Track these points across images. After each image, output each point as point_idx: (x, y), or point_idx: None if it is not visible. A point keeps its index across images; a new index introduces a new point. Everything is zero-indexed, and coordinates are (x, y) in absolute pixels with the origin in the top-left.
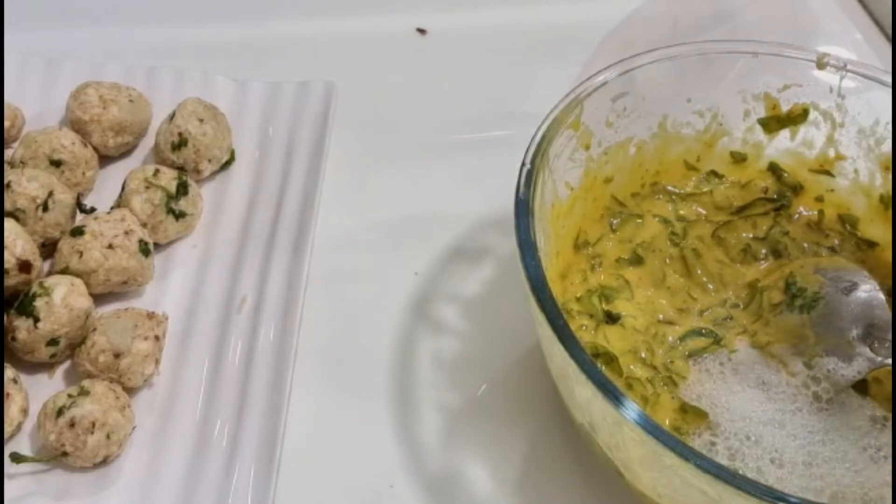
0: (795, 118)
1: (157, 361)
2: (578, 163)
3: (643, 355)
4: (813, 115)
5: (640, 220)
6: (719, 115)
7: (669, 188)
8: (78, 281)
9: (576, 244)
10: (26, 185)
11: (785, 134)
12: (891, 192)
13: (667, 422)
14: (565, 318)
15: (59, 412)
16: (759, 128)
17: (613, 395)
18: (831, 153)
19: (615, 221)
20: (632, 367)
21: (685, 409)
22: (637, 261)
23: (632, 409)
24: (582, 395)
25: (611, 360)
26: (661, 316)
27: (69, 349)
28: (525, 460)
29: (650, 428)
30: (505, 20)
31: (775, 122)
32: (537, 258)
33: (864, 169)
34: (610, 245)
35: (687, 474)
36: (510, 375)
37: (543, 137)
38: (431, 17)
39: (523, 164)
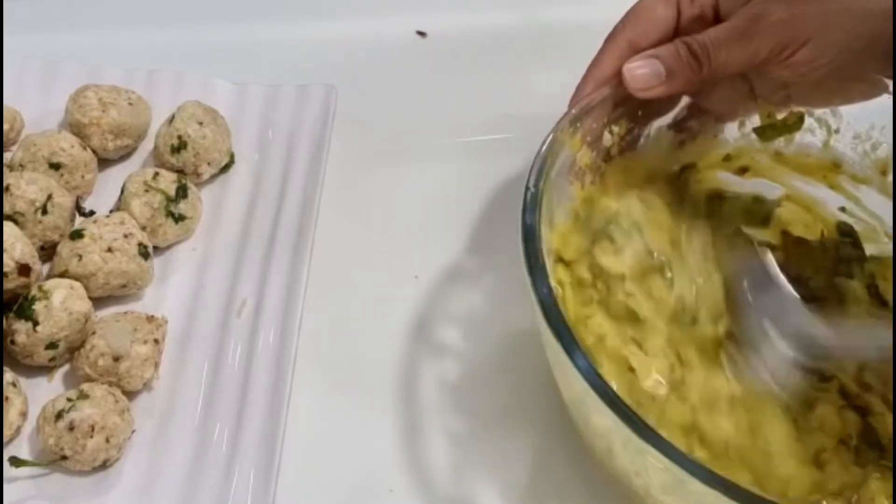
0: (791, 126)
1: (157, 365)
2: (579, 180)
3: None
4: (808, 121)
5: None
6: None
7: None
8: (77, 284)
9: None
10: (25, 189)
11: (780, 142)
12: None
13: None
14: (582, 348)
15: (59, 416)
16: (754, 136)
17: (637, 426)
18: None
19: None
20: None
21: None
22: None
23: (657, 439)
24: (601, 423)
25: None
26: None
27: (68, 353)
28: (531, 471)
29: (676, 457)
30: (505, 22)
31: (771, 130)
32: (549, 285)
33: (861, 174)
34: None
35: (713, 501)
36: (514, 382)
37: (545, 159)
38: (431, 19)
39: (527, 189)
